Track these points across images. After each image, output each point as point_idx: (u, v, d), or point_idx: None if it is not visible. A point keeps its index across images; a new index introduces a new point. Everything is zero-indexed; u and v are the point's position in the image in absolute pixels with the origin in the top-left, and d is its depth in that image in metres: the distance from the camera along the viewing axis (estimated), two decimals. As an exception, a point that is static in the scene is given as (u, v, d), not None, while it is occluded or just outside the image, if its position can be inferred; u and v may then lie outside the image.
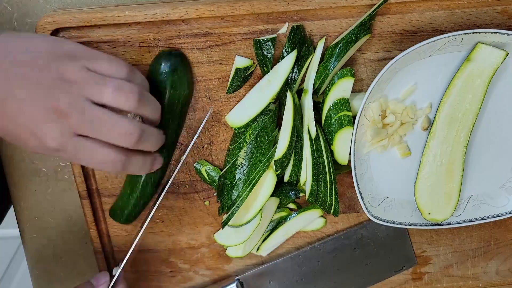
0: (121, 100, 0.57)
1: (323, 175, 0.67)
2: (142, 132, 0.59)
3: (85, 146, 0.57)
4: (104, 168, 0.60)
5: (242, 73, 0.67)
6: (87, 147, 0.57)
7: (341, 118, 0.66)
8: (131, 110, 0.58)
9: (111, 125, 0.57)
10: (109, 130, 0.57)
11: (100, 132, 0.57)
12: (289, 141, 0.66)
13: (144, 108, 0.59)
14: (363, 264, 0.76)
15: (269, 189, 0.68)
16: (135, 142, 0.58)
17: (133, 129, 0.58)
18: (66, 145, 0.56)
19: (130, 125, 0.58)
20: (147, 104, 0.60)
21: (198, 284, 0.78)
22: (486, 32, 0.62)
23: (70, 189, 0.76)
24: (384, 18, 0.66)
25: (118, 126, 0.57)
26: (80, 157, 0.58)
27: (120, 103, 0.57)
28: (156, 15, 0.64)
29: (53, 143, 0.56)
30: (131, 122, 0.58)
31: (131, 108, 0.58)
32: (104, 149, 0.58)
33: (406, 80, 0.67)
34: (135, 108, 0.58)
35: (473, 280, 0.79)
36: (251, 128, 0.67)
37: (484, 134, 0.70)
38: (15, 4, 0.69)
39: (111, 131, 0.57)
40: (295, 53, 0.65)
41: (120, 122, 0.57)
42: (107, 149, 0.58)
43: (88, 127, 0.56)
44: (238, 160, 0.68)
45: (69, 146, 0.56)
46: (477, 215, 0.71)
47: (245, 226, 0.69)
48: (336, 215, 0.69)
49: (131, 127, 0.58)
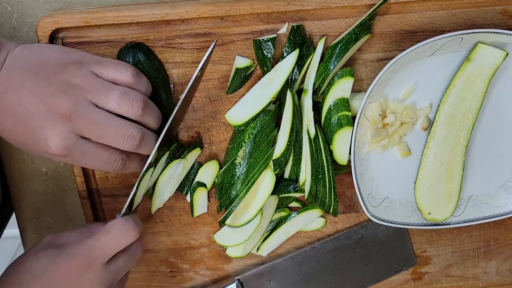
0: (126, 108, 0.58)
1: (322, 175, 0.67)
2: (143, 136, 0.60)
3: (89, 149, 0.58)
4: (105, 168, 0.61)
5: (242, 73, 0.67)
6: (91, 150, 0.58)
7: (340, 118, 0.66)
8: (135, 118, 0.59)
9: (115, 128, 0.58)
10: (112, 134, 0.58)
11: (103, 136, 0.58)
12: (287, 141, 0.66)
13: (146, 117, 0.61)
14: (363, 264, 0.76)
15: (269, 188, 0.68)
16: (137, 145, 0.59)
17: (136, 133, 0.59)
18: (71, 148, 0.57)
19: (134, 129, 0.59)
20: (149, 113, 0.61)
21: (198, 284, 0.78)
22: (486, 32, 0.62)
23: (70, 189, 0.76)
24: (384, 18, 0.66)
25: (121, 130, 0.58)
26: (84, 160, 0.59)
27: (124, 110, 0.59)
28: (156, 15, 0.64)
29: (57, 146, 0.56)
30: (134, 126, 0.59)
31: (135, 116, 0.59)
32: (107, 151, 0.59)
33: (406, 80, 0.67)
34: (139, 116, 0.59)
35: (473, 280, 0.79)
36: (250, 128, 0.67)
37: (484, 134, 0.70)
38: (15, 4, 0.69)
39: (114, 135, 0.58)
40: (297, 52, 0.65)
41: (123, 125, 0.58)
42: (111, 151, 0.60)
43: (92, 130, 0.57)
44: (236, 159, 0.68)
45: (74, 149, 0.57)
46: (477, 215, 0.71)
47: (245, 226, 0.69)
48: (335, 215, 0.69)
49: (134, 131, 0.59)
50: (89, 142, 0.58)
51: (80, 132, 0.57)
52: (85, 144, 0.58)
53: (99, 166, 0.61)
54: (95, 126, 0.57)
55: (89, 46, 0.66)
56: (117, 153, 0.60)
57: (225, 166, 0.69)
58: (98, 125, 0.57)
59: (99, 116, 0.57)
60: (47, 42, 0.65)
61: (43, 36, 0.64)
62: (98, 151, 0.59)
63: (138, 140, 0.59)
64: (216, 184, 0.71)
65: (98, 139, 0.58)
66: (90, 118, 0.57)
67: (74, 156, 0.58)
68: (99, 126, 0.57)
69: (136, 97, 0.59)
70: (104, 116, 0.58)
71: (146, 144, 0.61)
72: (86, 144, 0.58)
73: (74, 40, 0.66)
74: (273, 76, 0.66)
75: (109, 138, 0.58)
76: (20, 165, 0.75)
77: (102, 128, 0.57)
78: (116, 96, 0.58)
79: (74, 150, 0.57)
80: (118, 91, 0.58)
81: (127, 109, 0.59)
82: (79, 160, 0.59)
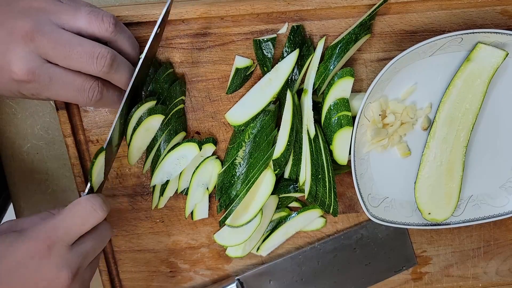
0: (96, 23, 0.54)
1: (322, 175, 0.67)
2: (114, 57, 0.55)
3: (58, 74, 0.54)
4: (80, 98, 0.56)
5: (242, 73, 0.67)
6: (60, 75, 0.54)
7: (340, 118, 0.66)
8: (107, 35, 0.55)
9: (82, 47, 0.53)
10: (80, 53, 0.53)
11: (70, 57, 0.53)
12: (287, 141, 0.66)
13: (120, 37, 0.56)
14: (363, 264, 0.76)
15: (269, 188, 0.68)
16: (108, 66, 0.55)
17: (105, 52, 0.54)
18: (36, 73, 0.53)
19: (102, 47, 0.54)
20: (123, 32, 0.57)
21: (198, 284, 0.78)
22: (486, 32, 0.62)
23: (70, 189, 0.76)
24: (384, 18, 0.66)
25: (89, 49, 0.54)
26: (54, 87, 0.54)
27: (95, 26, 0.54)
28: (156, 15, 0.64)
29: (21, 70, 0.52)
30: (103, 46, 0.54)
31: (108, 32, 0.55)
32: (79, 77, 0.55)
33: (406, 80, 0.67)
34: (111, 33, 0.55)
35: (473, 280, 0.79)
36: (250, 128, 0.67)
37: (484, 134, 0.70)
38: (15, 4, 0.69)
39: (82, 54, 0.53)
40: (297, 52, 0.65)
41: (91, 45, 0.54)
42: (83, 77, 0.55)
43: (57, 51, 0.53)
44: (236, 159, 0.68)
45: (40, 73, 0.53)
46: (477, 215, 0.71)
47: (245, 226, 0.69)
48: (335, 215, 0.69)
49: (103, 50, 0.54)
50: (56, 66, 0.54)
51: (45, 55, 0.53)
52: (52, 68, 0.53)
53: (72, 95, 0.55)
54: (61, 46, 0.52)
55: (89, 46, 0.66)
56: (91, 80, 0.55)
57: (225, 166, 0.69)
58: (63, 45, 0.52)
59: (65, 36, 0.53)
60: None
61: (43, 36, 0.64)
62: (68, 76, 0.54)
63: (109, 59, 0.54)
64: (216, 184, 0.71)
65: (65, 62, 0.53)
66: (55, 38, 0.52)
67: (42, 82, 0.53)
68: (65, 46, 0.52)
69: (106, 14, 0.54)
70: (70, 36, 0.53)
71: (119, 68, 0.56)
72: (53, 68, 0.53)
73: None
74: (273, 76, 0.66)
75: (77, 59, 0.53)
76: (20, 165, 0.75)
77: (68, 48, 0.53)
78: (84, 13, 0.54)
79: (40, 74, 0.53)
80: (87, 8, 0.54)
81: (98, 24, 0.54)
82: (48, 87, 0.54)
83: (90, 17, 0.54)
